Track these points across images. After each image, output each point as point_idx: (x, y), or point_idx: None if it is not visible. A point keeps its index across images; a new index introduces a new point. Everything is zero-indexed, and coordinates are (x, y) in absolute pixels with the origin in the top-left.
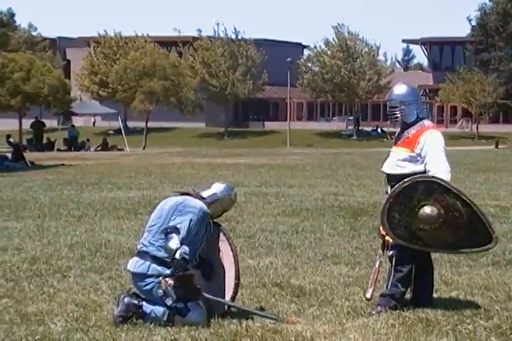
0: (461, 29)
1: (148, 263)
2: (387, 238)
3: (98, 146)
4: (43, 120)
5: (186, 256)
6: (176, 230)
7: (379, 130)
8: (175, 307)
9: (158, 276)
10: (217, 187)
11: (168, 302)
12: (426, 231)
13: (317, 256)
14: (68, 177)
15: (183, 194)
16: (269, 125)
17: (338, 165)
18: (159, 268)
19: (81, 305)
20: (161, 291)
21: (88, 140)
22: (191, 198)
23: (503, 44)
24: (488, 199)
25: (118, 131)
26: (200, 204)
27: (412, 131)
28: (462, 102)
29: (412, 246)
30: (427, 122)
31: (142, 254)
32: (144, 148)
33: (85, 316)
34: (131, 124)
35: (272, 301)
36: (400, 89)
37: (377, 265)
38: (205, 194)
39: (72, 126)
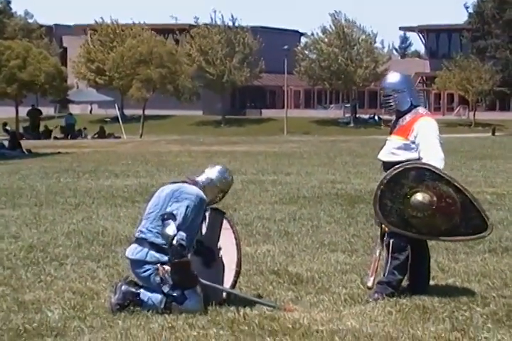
0: (457, 16)
1: (146, 249)
2: (384, 226)
3: (95, 134)
4: (39, 108)
5: (183, 243)
6: (172, 216)
7: (376, 117)
8: (172, 295)
9: (156, 263)
10: (211, 171)
11: (165, 289)
12: (419, 218)
13: (314, 243)
14: (65, 165)
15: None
16: (267, 113)
17: (335, 152)
18: (157, 255)
19: (78, 293)
20: (158, 278)
21: (85, 128)
22: (187, 185)
23: (500, 31)
24: (485, 187)
25: (115, 119)
26: (196, 190)
27: (407, 118)
28: (459, 90)
29: (406, 234)
30: (421, 109)
31: (140, 241)
32: (141, 136)
33: (82, 304)
34: (128, 112)
35: (269, 289)
36: (392, 78)
37: (377, 253)
38: (199, 179)
39: (70, 113)
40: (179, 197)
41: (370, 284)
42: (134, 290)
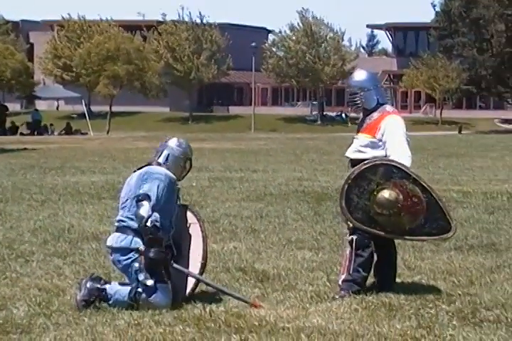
0: (425, 15)
1: (130, 237)
2: (349, 222)
3: (62, 130)
4: (5, 104)
5: (157, 224)
6: (147, 197)
7: (343, 115)
8: (145, 284)
9: (138, 250)
10: (166, 147)
11: (141, 277)
12: (384, 216)
13: (281, 240)
14: (31, 161)
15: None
16: (234, 110)
17: (302, 150)
18: (141, 242)
19: (44, 290)
20: (137, 264)
21: (52, 124)
22: (153, 166)
23: (467, 30)
24: (451, 185)
25: (82, 115)
26: (163, 170)
27: (374, 116)
28: (426, 88)
29: (370, 231)
30: (388, 107)
31: (123, 229)
32: (107, 133)
33: (48, 301)
34: (95, 108)
35: (235, 286)
36: (358, 76)
37: (347, 252)
38: (160, 159)
39: (36, 109)
40: (148, 179)
41: (341, 282)
42: (99, 286)
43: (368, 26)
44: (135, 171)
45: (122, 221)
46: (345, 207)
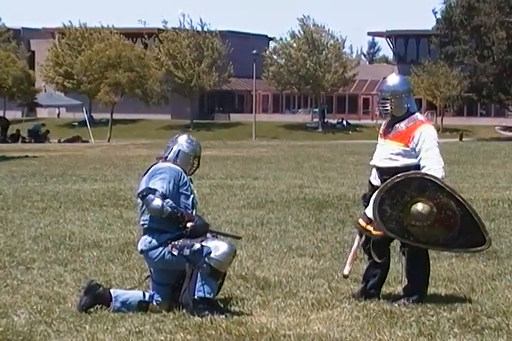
0: (426, 22)
1: (156, 235)
2: (375, 233)
3: (60, 139)
4: (5, 116)
5: (174, 205)
6: (150, 190)
7: (344, 122)
8: (196, 252)
9: (167, 242)
10: (176, 143)
11: (187, 252)
12: (418, 227)
13: (282, 248)
14: (32, 168)
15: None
16: (235, 117)
17: (303, 157)
18: (166, 235)
19: (45, 298)
20: (174, 250)
21: (48, 131)
22: (158, 164)
23: (468, 37)
24: None
25: (83, 123)
26: (167, 164)
27: (405, 124)
28: (427, 95)
29: (403, 241)
30: (420, 116)
31: (147, 231)
32: (109, 140)
33: (49, 308)
34: (96, 116)
35: (236, 293)
36: (392, 81)
37: (355, 245)
38: (168, 155)
39: (43, 124)
40: (155, 175)
41: (346, 272)
42: (102, 292)
43: (369, 34)
44: (144, 175)
45: (144, 224)
46: (378, 216)
